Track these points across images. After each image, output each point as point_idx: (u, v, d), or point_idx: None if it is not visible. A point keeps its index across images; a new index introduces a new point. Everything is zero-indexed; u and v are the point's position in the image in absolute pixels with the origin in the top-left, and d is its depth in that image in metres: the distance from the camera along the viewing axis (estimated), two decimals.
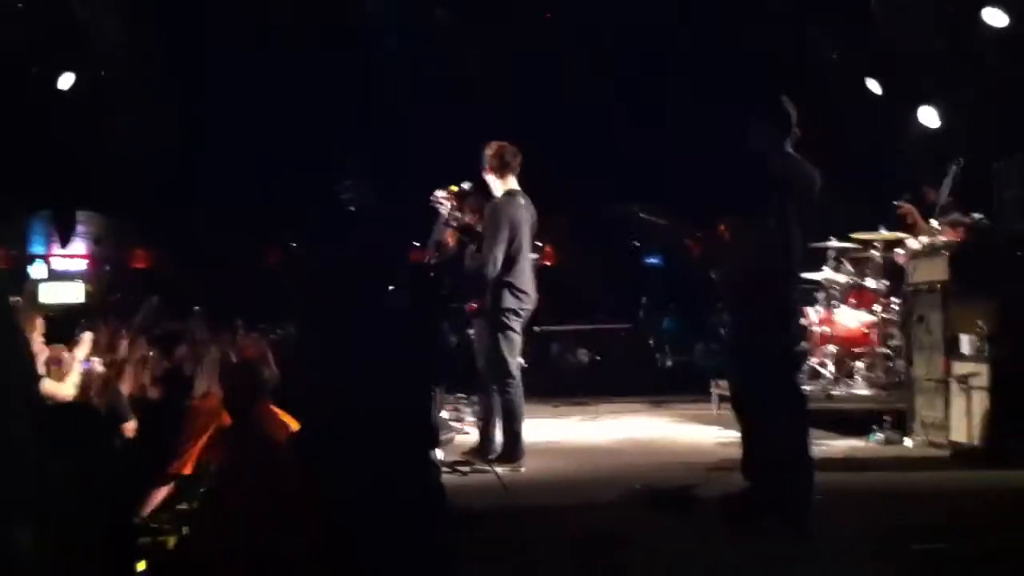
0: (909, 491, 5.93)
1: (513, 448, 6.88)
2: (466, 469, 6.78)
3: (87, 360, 6.21)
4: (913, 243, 8.05)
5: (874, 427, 7.65)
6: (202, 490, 5.86)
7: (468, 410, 9.16)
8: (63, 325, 7.33)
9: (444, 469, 6.35)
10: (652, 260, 16.90)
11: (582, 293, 14.52)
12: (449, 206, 7.32)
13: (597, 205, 13.07)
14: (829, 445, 7.52)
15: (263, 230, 14.77)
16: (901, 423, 7.62)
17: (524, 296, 7.02)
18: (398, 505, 4.71)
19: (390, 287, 6.18)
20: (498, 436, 7.04)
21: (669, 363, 13.90)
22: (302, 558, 4.23)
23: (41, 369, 5.93)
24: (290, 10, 11.69)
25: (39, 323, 6.32)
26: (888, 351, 8.79)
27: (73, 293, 14.39)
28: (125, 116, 11.33)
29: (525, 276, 7.07)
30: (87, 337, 6.33)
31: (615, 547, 4.68)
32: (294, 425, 5.46)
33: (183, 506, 5.86)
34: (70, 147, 11.49)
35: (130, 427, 6.24)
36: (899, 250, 8.17)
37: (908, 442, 7.46)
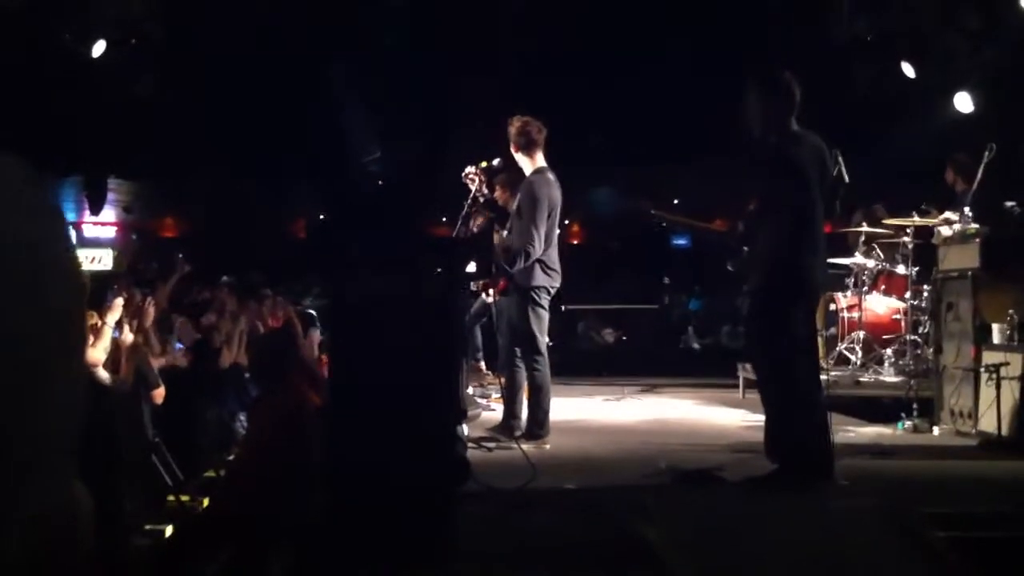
0: (936, 479, 5.89)
1: (539, 425, 6.89)
2: (491, 445, 6.78)
3: (117, 327, 6.26)
4: (945, 230, 8.00)
5: (902, 415, 7.61)
6: (229, 457, 5.92)
7: (493, 387, 9.18)
8: (93, 292, 7.39)
9: (470, 445, 6.37)
10: (679, 241, 16.85)
11: (608, 273, 14.52)
12: (479, 182, 7.31)
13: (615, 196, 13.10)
14: (856, 431, 7.49)
15: (292, 202, 14.83)
16: (929, 411, 7.58)
17: (554, 274, 7.02)
18: (422, 478, 4.73)
19: (424, 261, 6.17)
20: (524, 413, 7.05)
21: (695, 345, 13.88)
22: (322, 526, 4.26)
23: None
24: None
25: None
26: (917, 338, 8.73)
27: (103, 260, 14.51)
28: (156, 85, 11.36)
29: (554, 254, 7.07)
30: (118, 303, 6.37)
31: (638, 524, 4.68)
32: (319, 398, 5.49)
33: (210, 473, 5.92)
34: (102, 115, 11.54)
35: (159, 394, 6.29)
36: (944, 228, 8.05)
37: (936, 431, 7.41)
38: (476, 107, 11.28)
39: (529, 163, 7.06)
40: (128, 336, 6.29)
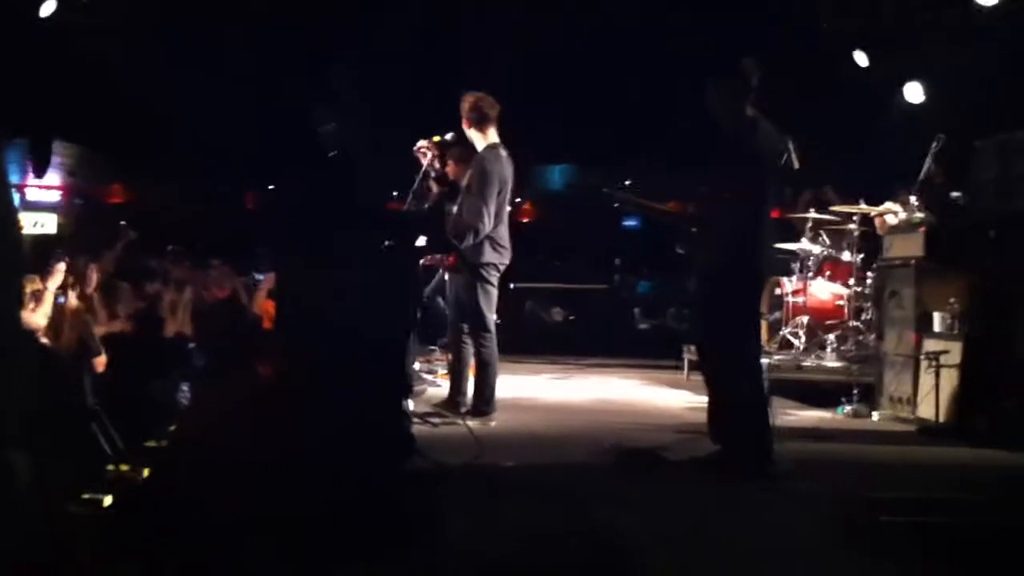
0: (875, 464, 5.99)
1: (486, 402, 6.89)
2: (437, 421, 6.79)
3: (61, 293, 6.16)
4: (891, 218, 8.11)
5: (843, 399, 7.72)
6: (171, 428, 5.86)
7: (440, 363, 9.16)
8: (36, 257, 7.26)
9: (415, 420, 6.37)
10: (630, 222, 16.92)
11: (558, 252, 14.55)
12: (431, 156, 7.28)
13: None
14: (797, 415, 7.60)
15: (242, 172, 14.65)
16: (869, 397, 7.70)
17: (503, 251, 7.01)
18: (368, 451, 4.72)
19: (373, 237, 6.14)
20: (470, 390, 7.05)
21: (643, 326, 13.96)
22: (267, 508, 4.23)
23: None
24: None
25: None
26: (860, 325, 8.85)
27: (46, 225, 14.25)
28: (106, 47, 11.14)
29: (504, 231, 7.06)
30: (60, 268, 6.27)
31: (582, 502, 4.71)
32: (267, 367, 5.45)
33: (151, 443, 5.86)
34: (49, 76, 11.30)
35: (101, 361, 6.21)
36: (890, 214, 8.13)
37: (875, 416, 7.53)
38: (429, 80, 11.20)
39: (481, 139, 7.03)
40: (73, 302, 6.19)
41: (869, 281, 8.75)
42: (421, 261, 7.21)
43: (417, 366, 8.60)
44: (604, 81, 12.70)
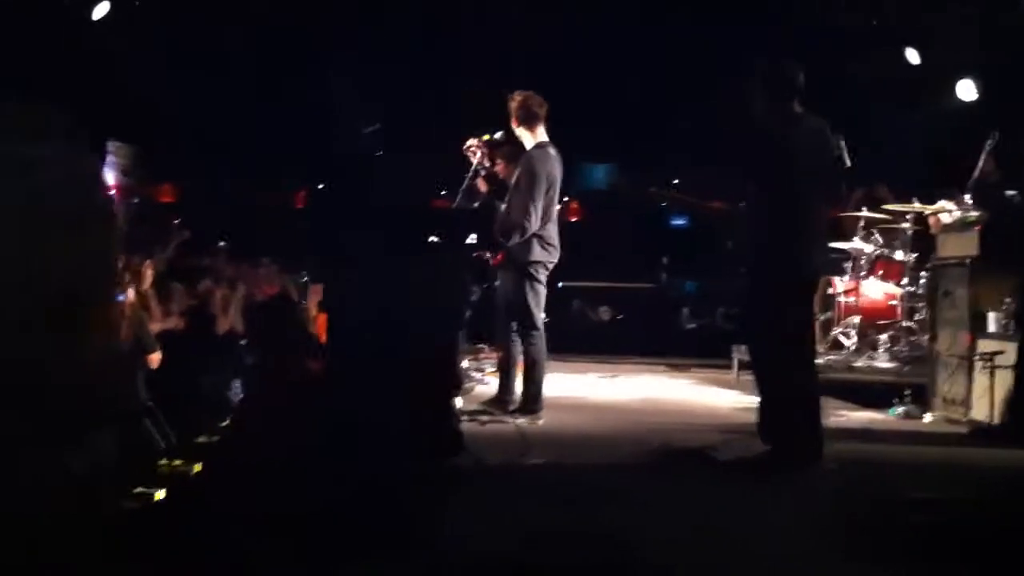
0: (924, 465, 5.92)
1: (533, 400, 6.89)
2: (485, 419, 6.80)
3: (119, 291, 6.25)
4: (945, 217, 7.99)
5: (894, 400, 7.63)
6: (223, 424, 5.92)
7: (488, 360, 9.18)
8: None
9: (463, 417, 6.38)
10: (678, 221, 16.82)
11: (605, 250, 14.50)
12: (480, 155, 7.29)
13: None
14: (848, 416, 7.52)
15: (291, 172, 14.77)
16: (922, 398, 7.60)
17: (552, 249, 7.01)
18: (417, 447, 4.75)
19: (422, 235, 6.17)
20: (518, 388, 7.06)
21: (691, 325, 13.89)
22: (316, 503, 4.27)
23: None
24: None
25: None
26: (913, 325, 8.74)
27: None
28: (156, 49, 11.28)
29: (553, 229, 7.05)
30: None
31: (628, 502, 4.70)
32: (317, 365, 5.50)
33: (203, 439, 5.93)
34: (101, 77, 11.46)
35: (155, 358, 6.30)
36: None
37: (927, 417, 7.43)
38: (477, 79, 11.20)
39: (530, 137, 7.04)
40: (130, 299, 6.29)
41: (922, 281, 8.63)
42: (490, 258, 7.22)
43: (466, 364, 8.63)
44: (646, 80, 12.65)
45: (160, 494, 4.86)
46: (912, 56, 10.95)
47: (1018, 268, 7.06)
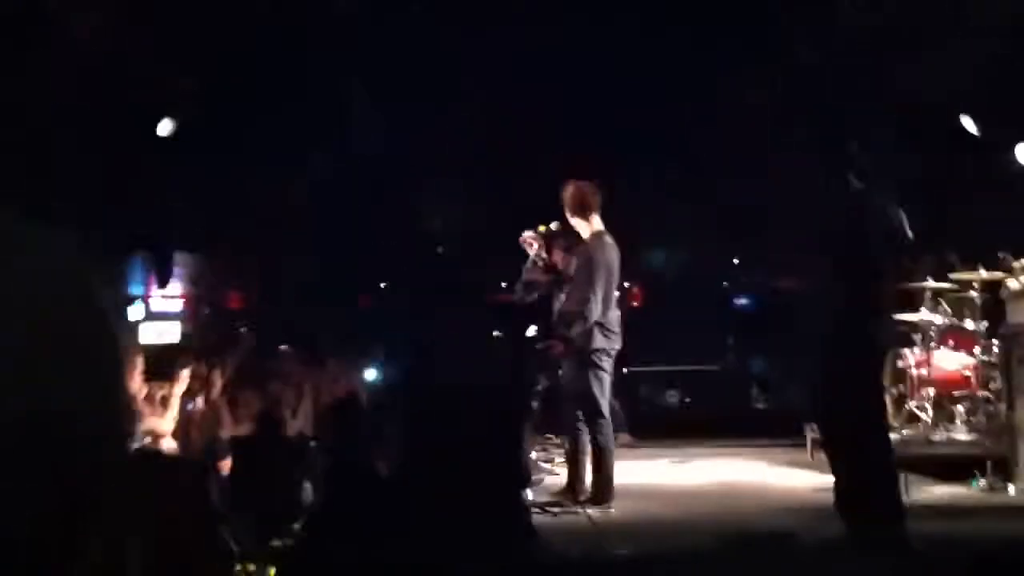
0: (1012, 541, 5.72)
1: (604, 489, 6.84)
2: (556, 510, 6.74)
3: (190, 399, 6.37)
4: (1014, 283, 7.85)
5: (976, 473, 7.42)
6: (296, 526, 5.93)
7: (557, 451, 9.13)
8: (163, 363, 7.51)
9: (534, 510, 6.33)
10: (741, 301, 16.73)
11: (669, 334, 14.43)
12: (537, 247, 7.36)
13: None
14: (930, 491, 7.32)
15: (356, 271, 14.98)
16: (1004, 470, 7.38)
17: (614, 336, 7.01)
18: (489, 544, 4.71)
19: (483, 327, 6.22)
20: (587, 477, 7.00)
21: (760, 405, 13.70)
22: None
23: (140, 405, 6.09)
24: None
25: (138, 361, 6.50)
26: (989, 394, 8.54)
27: (171, 333, 14.73)
28: (216, 163, 11.61)
29: (614, 316, 7.07)
30: (185, 374, 6.48)
31: None
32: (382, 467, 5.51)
33: (276, 543, 5.94)
34: (167, 190, 11.80)
35: (226, 464, 6.36)
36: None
37: (1011, 489, 7.22)
38: (532, 169, 11.35)
39: (586, 226, 7.09)
40: (200, 407, 6.39)
41: (995, 349, 8.46)
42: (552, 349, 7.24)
43: (534, 455, 8.58)
44: (702, 160, 12.71)
45: None
46: (968, 124, 10.89)
47: None
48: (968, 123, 10.71)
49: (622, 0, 11.37)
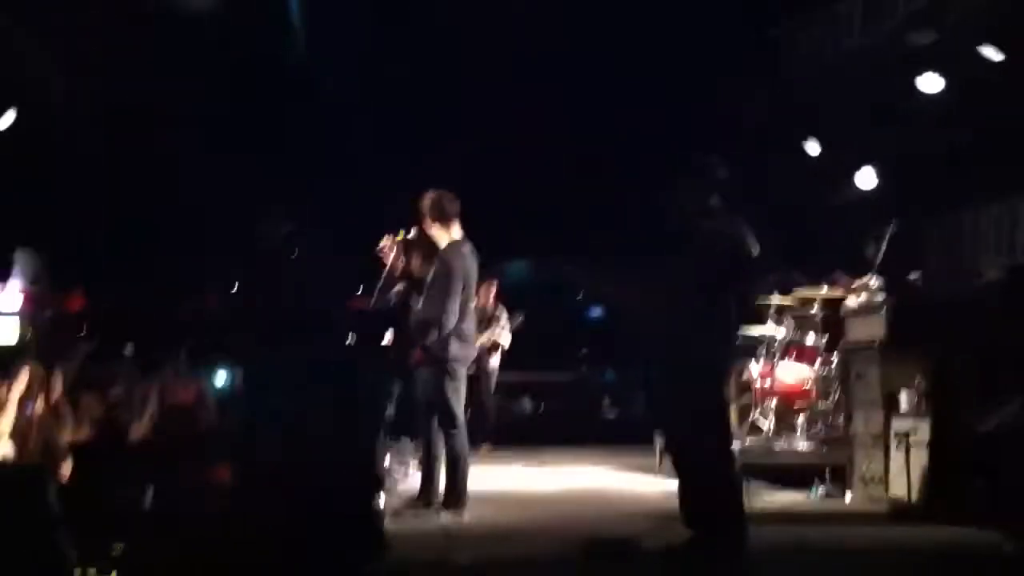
0: (846, 547, 5.95)
1: (457, 495, 6.83)
2: (409, 517, 6.70)
3: (29, 401, 6.09)
4: (851, 301, 8.19)
5: (815, 481, 7.71)
6: (136, 532, 5.74)
7: (410, 457, 9.07)
8: None
9: (387, 516, 6.28)
10: (594, 313, 17.01)
11: (523, 343, 14.55)
12: (394, 254, 7.31)
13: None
14: (770, 499, 7.57)
15: (203, 274, 14.59)
16: (841, 478, 7.68)
17: (469, 345, 7.03)
18: (338, 548, 4.65)
19: (340, 335, 6.14)
20: (441, 483, 6.99)
21: (611, 415, 13.95)
22: None
23: None
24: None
25: None
26: (828, 406, 8.88)
27: (7, 333, 14.07)
28: (62, 158, 11.18)
29: (470, 324, 7.08)
30: (23, 375, 6.19)
31: None
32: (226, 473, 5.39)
33: (117, 548, 5.73)
34: (6, 186, 11.29)
35: (65, 468, 6.12)
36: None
37: (848, 497, 7.52)
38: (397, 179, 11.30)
39: (444, 235, 7.09)
40: (39, 410, 6.12)
41: (834, 363, 8.81)
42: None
43: (387, 460, 8.51)
44: (555, 176, 12.89)
45: None
46: (812, 148, 11.34)
47: (925, 349, 7.24)
48: (812, 147, 11.17)
49: None
